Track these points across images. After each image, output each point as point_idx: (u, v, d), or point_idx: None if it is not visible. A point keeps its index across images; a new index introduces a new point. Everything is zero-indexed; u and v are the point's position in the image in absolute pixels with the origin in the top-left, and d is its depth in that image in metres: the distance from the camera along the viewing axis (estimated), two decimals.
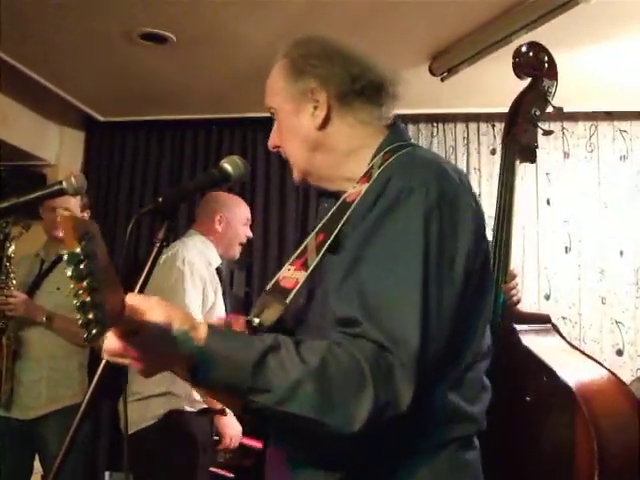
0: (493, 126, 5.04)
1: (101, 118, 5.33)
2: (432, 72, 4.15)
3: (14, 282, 3.60)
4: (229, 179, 1.51)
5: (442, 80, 4.17)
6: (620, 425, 2.10)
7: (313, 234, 1.48)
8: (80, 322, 1.02)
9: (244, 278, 5.04)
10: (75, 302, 1.01)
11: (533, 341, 2.23)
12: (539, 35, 3.55)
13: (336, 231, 1.42)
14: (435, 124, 5.10)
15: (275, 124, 1.61)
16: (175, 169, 5.31)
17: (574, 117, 4.90)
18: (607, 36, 3.65)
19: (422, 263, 1.27)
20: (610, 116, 4.89)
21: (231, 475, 1.45)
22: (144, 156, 5.37)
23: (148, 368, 1.18)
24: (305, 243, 1.49)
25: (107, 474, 4.85)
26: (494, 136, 5.03)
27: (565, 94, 2.45)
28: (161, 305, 1.19)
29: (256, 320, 1.45)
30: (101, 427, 4.85)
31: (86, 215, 3.81)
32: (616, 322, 4.72)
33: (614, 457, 2.01)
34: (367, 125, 1.54)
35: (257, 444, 1.47)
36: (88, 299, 1.01)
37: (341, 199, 1.48)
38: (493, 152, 5.02)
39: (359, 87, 1.52)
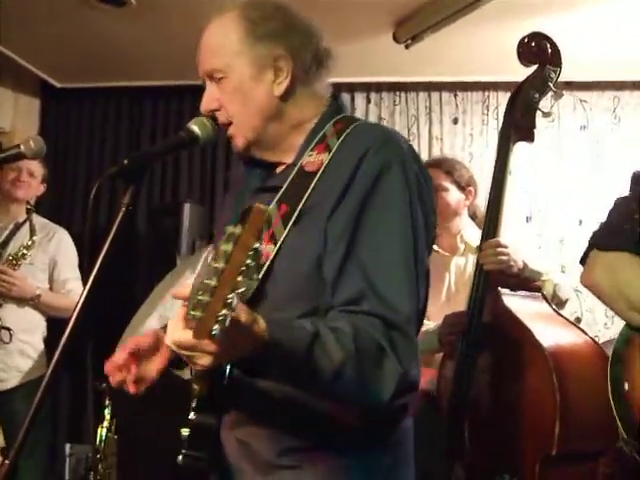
0: (455, 95, 5.05)
1: (57, 84, 5.21)
2: (396, 39, 4.12)
3: None
4: (197, 141, 1.47)
5: (406, 47, 4.15)
6: (589, 383, 2.19)
7: (274, 204, 1.43)
8: (220, 317, 1.00)
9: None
10: (229, 298, 1.00)
11: (516, 304, 2.38)
12: (504, 4, 3.55)
13: (302, 203, 1.40)
14: (398, 93, 5.08)
15: (212, 87, 1.50)
16: (133, 137, 5.23)
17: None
18: (568, 5, 3.66)
19: (410, 237, 1.37)
20: (570, 86, 4.91)
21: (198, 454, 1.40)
22: (102, 124, 5.28)
23: (217, 363, 1.14)
24: (269, 214, 1.45)
25: (67, 446, 4.80)
26: (456, 105, 5.04)
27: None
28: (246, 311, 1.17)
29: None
30: (60, 400, 4.81)
31: (42, 188, 3.77)
32: (574, 290, 4.77)
33: (577, 410, 2.13)
34: (321, 97, 1.53)
35: (211, 420, 1.42)
36: (233, 296, 1.00)
37: (297, 168, 1.45)
38: (455, 121, 5.04)
39: (319, 58, 1.51)
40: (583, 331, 2.38)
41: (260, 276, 1.37)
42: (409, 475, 1.48)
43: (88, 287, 1.34)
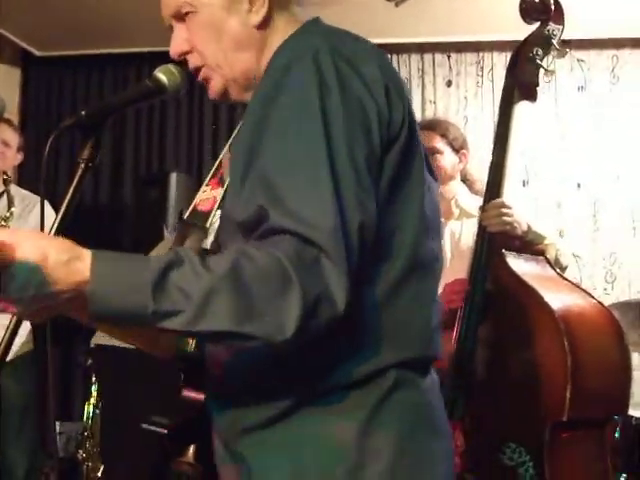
0: (449, 57, 4.93)
1: (38, 53, 5.08)
2: None
3: None
4: (164, 90, 1.33)
5: (396, 5, 4.03)
6: (599, 347, 2.13)
7: (226, 147, 1.35)
8: None
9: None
10: None
11: (520, 266, 2.28)
12: None
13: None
14: (389, 55, 4.93)
15: (180, 28, 1.34)
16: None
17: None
18: None
19: (323, 133, 1.10)
20: (567, 44, 4.76)
21: (164, 431, 1.33)
22: (85, 92, 5.17)
23: (30, 313, 1.04)
24: (219, 158, 1.36)
25: (57, 424, 4.72)
26: (450, 67, 4.92)
27: (522, 22, 2.44)
28: (33, 238, 1.02)
29: None
30: (49, 377, 4.71)
31: (20, 157, 3.66)
32: (574, 256, 4.68)
33: (589, 375, 2.04)
34: (297, 21, 1.35)
35: (197, 396, 1.35)
36: None
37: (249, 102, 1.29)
38: (449, 84, 4.92)
39: None
40: (590, 295, 2.29)
41: (208, 224, 1.29)
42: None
43: None
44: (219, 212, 1.33)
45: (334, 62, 1.15)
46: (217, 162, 1.37)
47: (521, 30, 2.38)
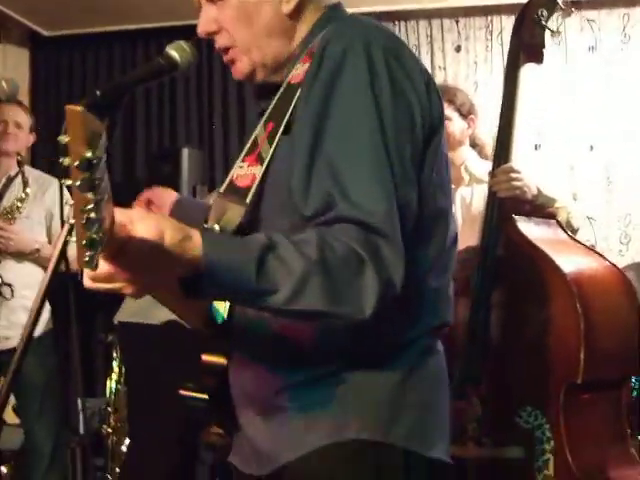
0: (457, 22, 4.89)
1: (45, 32, 5.07)
2: None
3: None
4: (176, 67, 1.34)
5: None
6: (612, 308, 2.14)
7: (261, 125, 1.35)
8: (84, 242, 0.90)
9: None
10: (81, 218, 0.89)
11: (531, 230, 2.27)
12: None
13: (287, 116, 1.30)
14: (397, 22, 4.94)
15: (210, 7, 1.38)
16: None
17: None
18: None
19: (378, 127, 1.21)
20: (576, 4, 4.71)
21: (204, 396, 1.37)
22: (94, 71, 5.16)
23: (141, 289, 1.07)
24: (254, 135, 1.36)
25: (79, 401, 4.78)
26: (458, 32, 4.88)
27: None
28: (148, 217, 1.07)
29: (216, 227, 1.33)
30: (71, 356, 4.77)
31: (32, 138, 3.68)
32: (588, 218, 4.67)
33: (602, 337, 2.05)
34: (322, 8, 1.41)
35: (220, 360, 1.38)
36: (93, 215, 0.89)
37: (284, 83, 1.35)
38: (458, 49, 4.88)
39: None
40: (602, 256, 2.29)
41: (249, 200, 1.30)
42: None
43: (64, 236, 1.25)
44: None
45: (384, 56, 1.25)
46: (252, 138, 1.37)
47: None
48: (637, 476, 2.05)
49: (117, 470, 3.66)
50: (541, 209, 2.45)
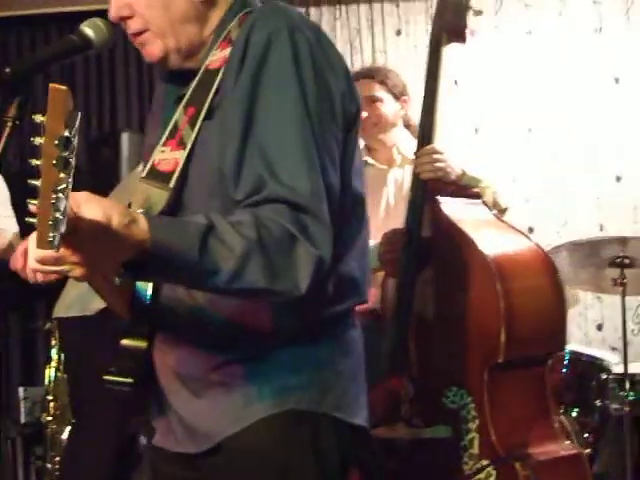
0: (397, 6, 4.89)
1: None
2: None
3: None
4: (90, 45, 1.33)
5: None
6: (533, 288, 2.18)
7: (181, 109, 1.37)
8: (51, 222, 0.91)
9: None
10: (51, 198, 0.90)
11: (455, 211, 2.30)
12: None
13: (208, 101, 1.33)
14: (338, 6, 4.93)
15: None
16: (66, 67, 4.98)
17: None
18: None
19: (304, 110, 1.27)
20: None
21: (129, 380, 1.37)
22: (15, 54, 5.03)
23: (90, 272, 1.07)
24: (174, 119, 1.37)
25: (21, 389, 4.72)
26: (399, 16, 4.89)
27: None
28: (95, 199, 1.07)
29: (140, 211, 1.31)
30: (10, 343, 4.72)
31: None
32: (526, 200, 4.75)
33: (522, 317, 2.09)
34: None
35: (140, 344, 1.39)
36: (62, 196, 0.90)
37: (202, 68, 1.37)
38: (398, 33, 4.90)
39: None
40: (525, 235, 2.34)
41: (172, 185, 1.32)
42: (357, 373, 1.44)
43: None
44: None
45: (308, 44, 1.30)
46: (172, 123, 1.37)
47: None
48: (560, 451, 2.11)
49: (57, 459, 3.63)
50: (466, 190, 2.47)
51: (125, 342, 1.35)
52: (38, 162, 0.93)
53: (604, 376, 3.31)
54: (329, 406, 1.35)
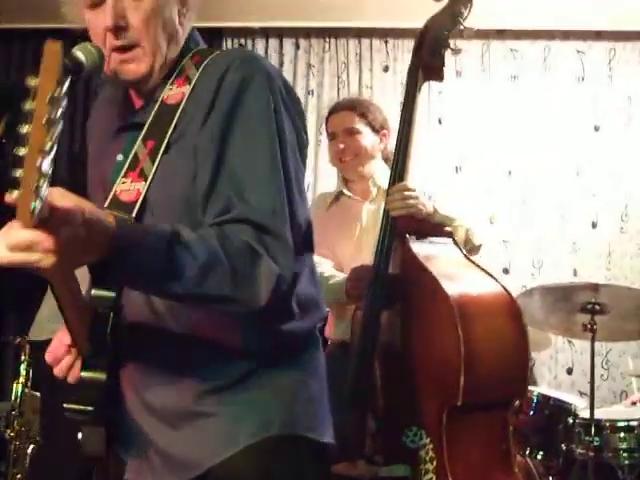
0: (386, 42, 4.96)
1: None
2: None
3: None
4: (81, 69, 1.33)
5: None
6: (496, 331, 2.17)
7: (139, 142, 1.41)
8: (35, 187, 0.90)
9: None
10: (37, 160, 0.89)
11: (423, 249, 2.30)
12: None
13: (167, 136, 1.38)
14: (327, 39, 4.97)
15: (118, 2, 1.38)
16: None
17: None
18: None
19: (276, 143, 1.36)
20: (501, 34, 4.86)
21: (89, 408, 1.37)
22: (34, 68, 5.00)
23: (59, 263, 1.05)
24: (134, 151, 1.41)
25: None
26: (387, 53, 4.95)
27: None
28: (68, 194, 1.08)
29: None
30: None
31: None
32: (503, 242, 4.80)
33: (483, 360, 2.09)
34: (190, 27, 1.50)
35: (98, 376, 1.39)
36: (49, 158, 0.90)
37: (159, 102, 1.42)
38: (386, 69, 4.96)
39: None
40: (493, 278, 2.31)
41: (134, 214, 1.34)
42: (323, 393, 1.50)
43: None
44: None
45: (278, 85, 1.41)
46: (132, 155, 1.40)
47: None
48: None
49: (18, 476, 3.58)
50: (438, 228, 2.47)
51: (84, 374, 1.34)
52: (30, 107, 0.92)
53: (571, 420, 3.32)
54: (304, 428, 1.41)
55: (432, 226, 2.44)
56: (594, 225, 4.81)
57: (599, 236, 4.79)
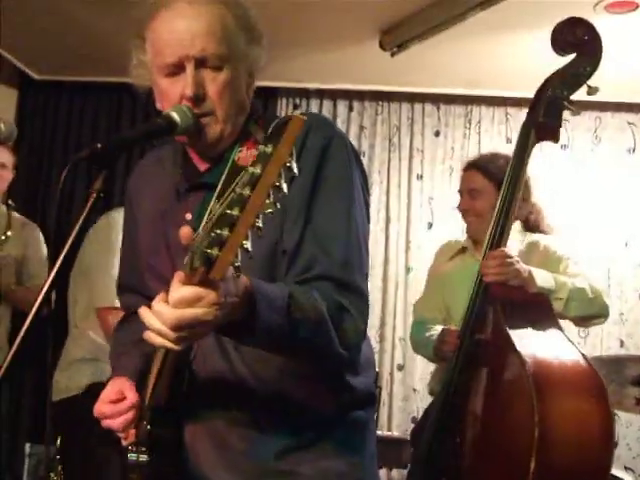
0: (438, 108, 5.03)
1: (36, 76, 5.12)
2: (382, 47, 4.09)
3: None
4: (175, 129, 1.40)
5: (392, 55, 4.12)
6: (575, 415, 2.00)
7: (214, 200, 1.44)
8: (244, 244, 0.98)
9: None
10: (251, 219, 0.96)
11: (512, 320, 2.15)
12: (495, 13, 3.51)
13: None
14: (381, 102, 5.06)
15: (199, 72, 1.43)
16: (112, 133, 5.13)
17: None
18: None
19: (355, 202, 1.46)
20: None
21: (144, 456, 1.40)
22: (79, 118, 5.18)
23: (221, 316, 1.12)
24: (209, 209, 1.45)
25: (27, 446, 4.68)
26: (438, 118, 5.02)
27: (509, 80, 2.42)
28: None
29: None
30: (23, 398, 4.70)
31: (12, 175, 3.67)
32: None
33: (558, 450, 1.91)
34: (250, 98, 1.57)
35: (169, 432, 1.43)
36: (260, 223, 0.97)
37: (230, 163, 1.39)
38: (437, 134, 5.02)
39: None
40: (581, 352, 2.15)
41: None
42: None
43: (51, 279, 1.26)
44: None
45: (354, 151, 1.53)
46: (208, 213, 1.45)
47: (511, 88, 2.35)
48: None
49: None
50: (534, 296, 2.33)
51: (152, 429, 1.39)
52: (255, 171, 0.98)
53: None
54: None
55: (528, 296, 2.30)
56: None
57: None
